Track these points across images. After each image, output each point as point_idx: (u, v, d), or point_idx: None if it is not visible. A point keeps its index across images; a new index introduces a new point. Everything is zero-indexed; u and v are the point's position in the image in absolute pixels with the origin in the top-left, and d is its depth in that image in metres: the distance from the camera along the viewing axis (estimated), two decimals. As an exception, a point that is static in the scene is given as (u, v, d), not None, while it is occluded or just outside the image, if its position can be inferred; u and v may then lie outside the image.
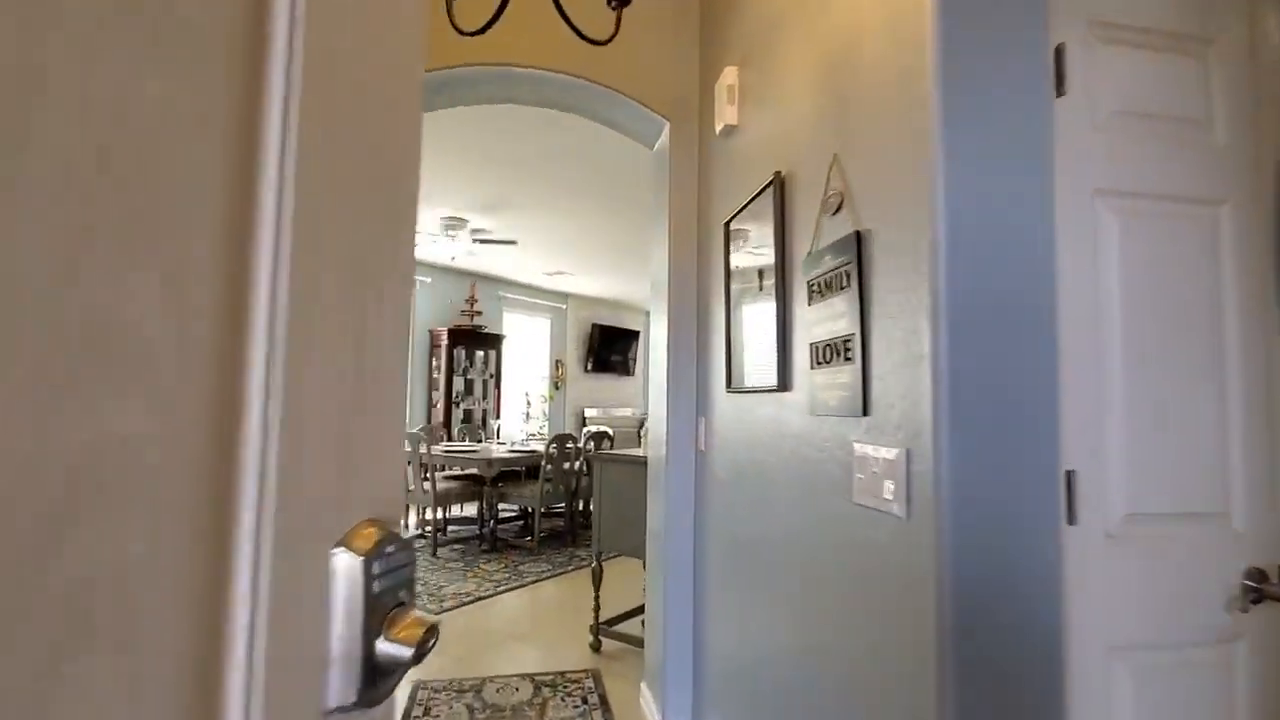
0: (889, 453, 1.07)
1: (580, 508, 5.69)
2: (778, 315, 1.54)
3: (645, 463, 2.87)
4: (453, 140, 3.92)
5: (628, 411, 10.69)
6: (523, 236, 6.22)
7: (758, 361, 1.69)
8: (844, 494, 1.22)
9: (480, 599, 3.91)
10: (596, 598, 3.14)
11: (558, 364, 9.59)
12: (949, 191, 0.99)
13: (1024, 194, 1.02)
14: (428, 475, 4.94)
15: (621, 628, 3.23)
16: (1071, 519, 1.03)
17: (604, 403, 10.39)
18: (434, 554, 4.89)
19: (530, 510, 5.43)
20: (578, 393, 9.93)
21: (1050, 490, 0.99)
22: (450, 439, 6.95)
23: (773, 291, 1.58)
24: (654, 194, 2.64)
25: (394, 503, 0.43)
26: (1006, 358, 0.98)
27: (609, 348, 10.30)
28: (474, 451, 5.25)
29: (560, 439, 5.11)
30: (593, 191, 4.87)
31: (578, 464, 5.42)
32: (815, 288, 1.35)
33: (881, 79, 1.15)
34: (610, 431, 6.39)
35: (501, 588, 4.13)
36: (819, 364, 1.32)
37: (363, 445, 0.40)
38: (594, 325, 10.02)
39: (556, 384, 9.54)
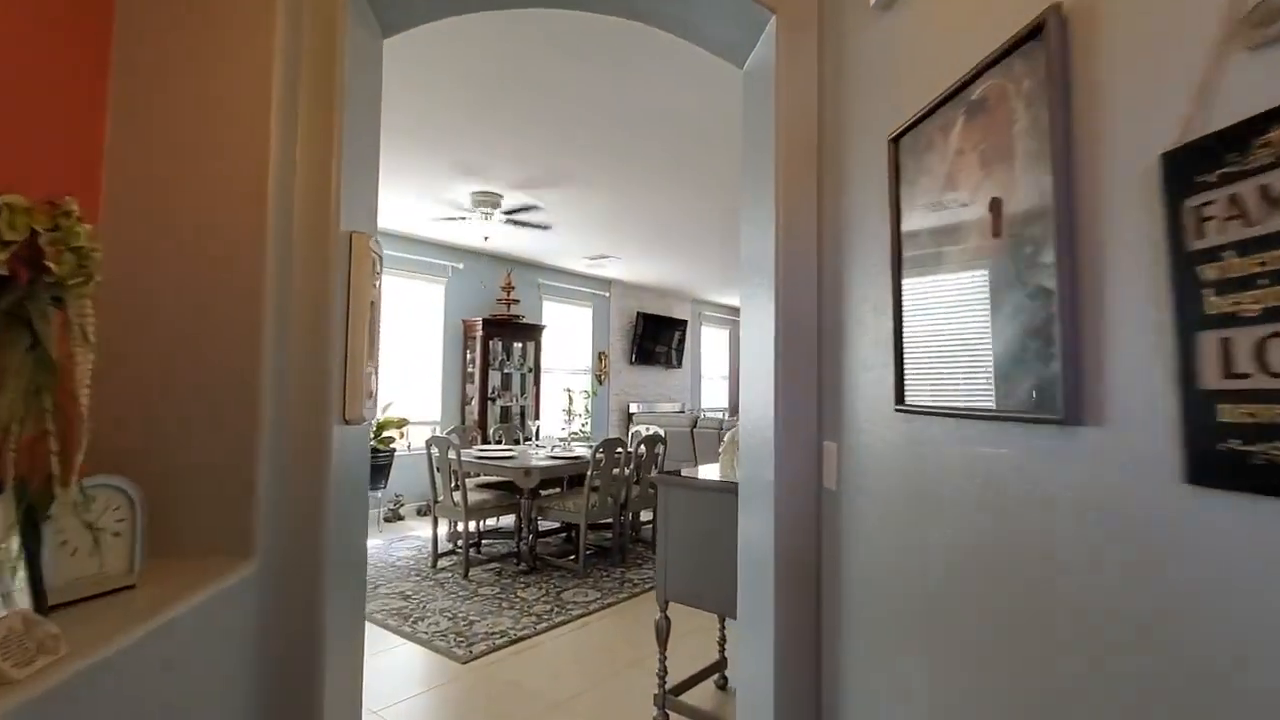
0: None
1: (630, 519, 5.03)
2: (1061, 279, 0.81)
3: (730, 490, 2.17)
4: (478, 100, 3.27)
5: (672, 406, 10.01)
6: (562, 214, 5.55)
7: (986, 363, 0.97)
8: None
9: (517, 640, 3.27)
10: (663, 659, 2.46)
11: (600, 356, 8.95)
12: None
13: None
14: (458, 484, 4.34)
15: (692, 696, 2.55)
16: None
17: (648, 397, 9.73)
18: (465, 576, 4.29)
19: (574, 525, 4.77)
20: (621, 386, 9.28)
21: None
22: (486, 440, 6.37)
23: (1029, 239, 0.85)
24: (749, 130, 1.92)
25: None
26: None
27: (654, 338, 9.62)
28: (510, 457, 4.62)
29: (609, 444, 4.44)
30: (644, 160, 4.16)
31: (628, 470, 4.75)
32: (1220, 210, 0.62)
33: None
34: (663, 434, 5.72)
35: (542, 624, 3.49)
36: (1241, 373, 0.60)
37: None
38: (639, 314, 9.33)
39: (600, 377, 8.90)
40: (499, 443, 5.81)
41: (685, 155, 4.11)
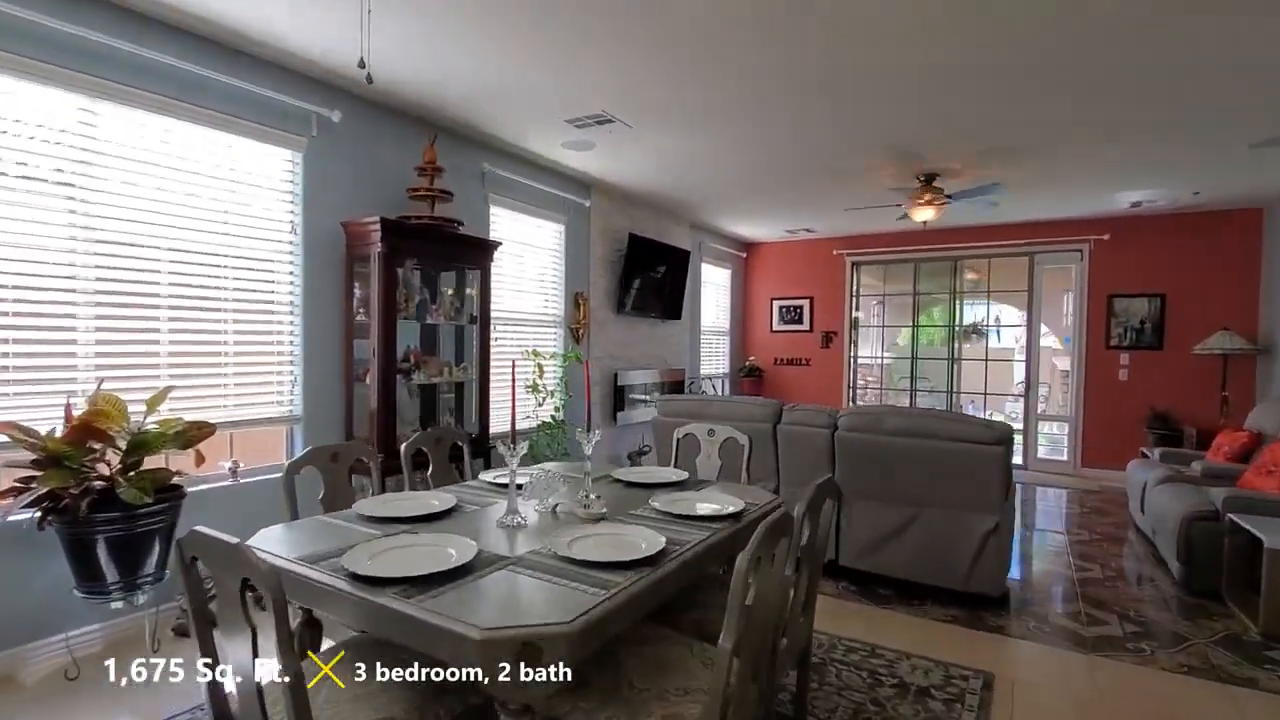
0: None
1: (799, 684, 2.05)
2: None
3: None
4: None
5: (649, 376, 6.97)
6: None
7: None
8: None
9: None
10: None
11: (578, 300, 5.84)
12: None
13: None
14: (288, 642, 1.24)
15: None
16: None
17: (639, 361, 6.74)
18: None
19: None
20: (605, 346, 6.23)
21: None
22: (388, 477, 3.14)
23: None
24: None
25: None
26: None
27: (645, 276, 6.54)
28: (434, 578, 1.56)
29: (770, 536, 1.45)
30: None
31: (790, 576, 1.76)
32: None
33: None
34: (745, 443, 2.81)
35: None
36: None
37: None
38: (631, 237, 6.23)
39: (577, 332, 5.82)
40: (422, 483, 2.68)
41: None
